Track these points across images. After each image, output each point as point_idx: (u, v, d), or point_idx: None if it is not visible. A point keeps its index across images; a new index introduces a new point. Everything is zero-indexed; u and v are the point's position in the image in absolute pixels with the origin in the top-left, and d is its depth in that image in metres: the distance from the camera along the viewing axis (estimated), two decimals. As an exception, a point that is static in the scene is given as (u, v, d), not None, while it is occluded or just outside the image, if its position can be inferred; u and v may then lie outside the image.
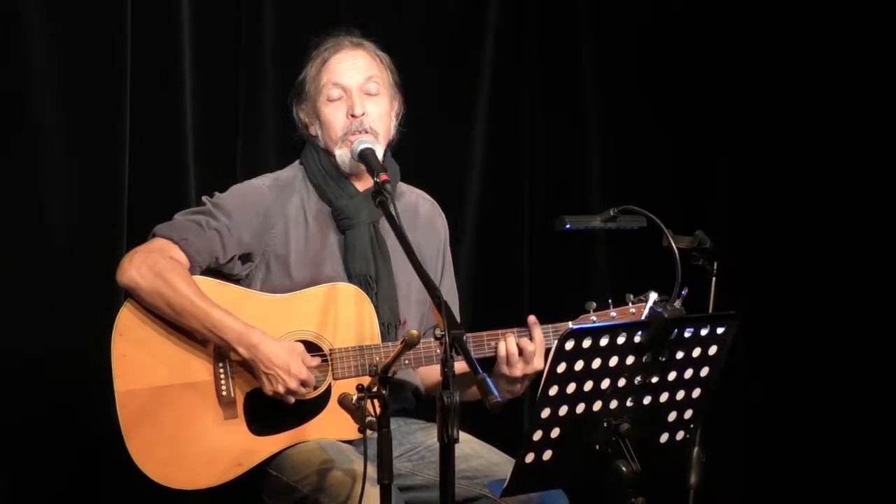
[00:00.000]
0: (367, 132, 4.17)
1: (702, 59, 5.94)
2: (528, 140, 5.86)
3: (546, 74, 5.89)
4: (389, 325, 4.18)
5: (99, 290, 4.66)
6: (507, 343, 4.07)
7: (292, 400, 4.00)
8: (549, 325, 4.11)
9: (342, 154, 4.19)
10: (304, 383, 3.99)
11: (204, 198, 4.21)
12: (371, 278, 4.18)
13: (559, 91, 5.90)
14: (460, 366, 3.46)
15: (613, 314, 4.13)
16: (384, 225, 4.19)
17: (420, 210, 4.38)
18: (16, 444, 4.80)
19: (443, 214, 4.45)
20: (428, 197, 4.45)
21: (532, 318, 4.09)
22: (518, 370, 4.06)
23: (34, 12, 4.79)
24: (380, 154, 4.15)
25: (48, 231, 4.86)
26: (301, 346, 4.03)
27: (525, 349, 4.05)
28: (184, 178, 5.04)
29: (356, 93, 4.21)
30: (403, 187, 4.36)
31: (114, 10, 4.89)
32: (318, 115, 4.24)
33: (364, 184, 4.22)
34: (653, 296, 4.07)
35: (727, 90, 5.94)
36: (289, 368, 3.97)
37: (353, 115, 4.18)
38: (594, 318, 4.12)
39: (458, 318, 4.24)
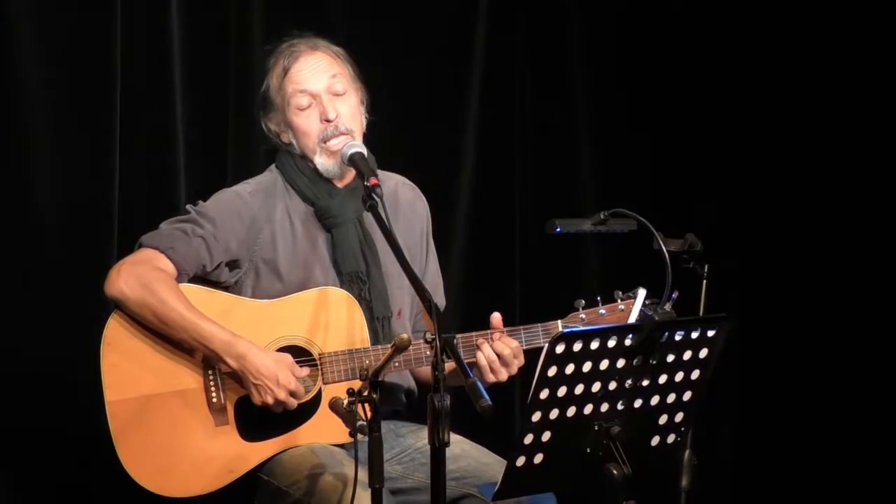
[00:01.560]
0: (343, 134, 4.17)
1: (692, 62, 5.94)
2: (518, 142, 5.86)
3: (536, 75, 5.89)
4: (383, 318, 4.18)
5: (89, 300, 4.65)
6: (485, 352, 4.06)
7: (281, 410, 4.01)
8: (539, 324, 4.12)
9: (323, 162, 4.19)
10: (292, 394, 3.99)
11: (188, 206, 4.21)
12: (362, 274, 4.19)
13: (550, 93, 5.90)
14: (450, 364, 3.47)
15: (602, 311, 4.13)
16: (369, 219, 4.18)
17: (401, 196, 4.38)
18: (7, 454, 4.78)
19: (423, 198, 4.44)
20: (408, 181, 4.44)
21: (497, 317, 4.09)
22: (504, 374, 4.07)
23: (22, 17, 4.78)
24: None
25: (38, 241, 4.85)
26: (290, 357, 4.03)
27: (502, 353, 4.05)
28: (174, 187, 5.04)
29: (325, 97, 4.20)
30: (382, 174, 4.32)
31: (103, 14, 4.88)
32: (291, 125, 4.23)
33: (344, 180, 4.23)
34: (641, 292, 4.07)
35: (718, 93, 5.94)
36: (277, 379, 3.97)
37: (326, 121, 4.18)
38: (583, 316, 4.13)
39: (443, 299, 4.32)
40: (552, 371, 3.44)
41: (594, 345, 3.47)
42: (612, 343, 3.49)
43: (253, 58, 5.22)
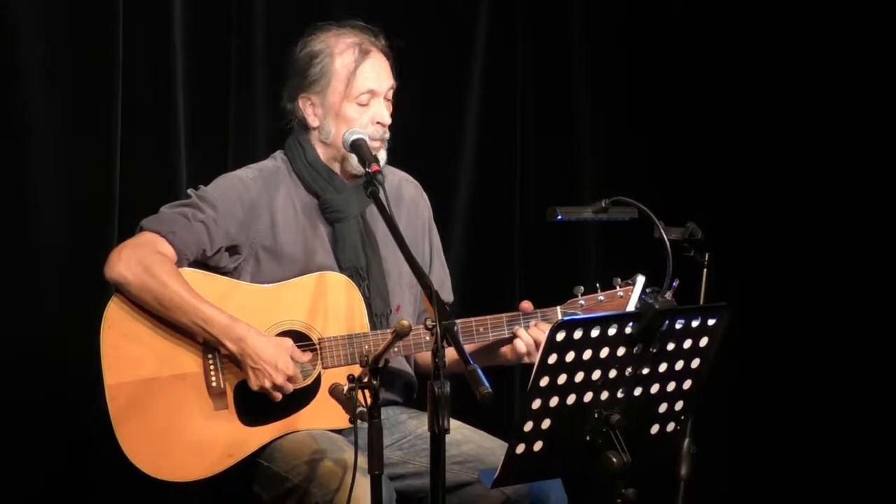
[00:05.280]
0: (383, 141, 4.18)
1: (693, 53, 5.94)
2: (520, 128, 5.85)
3: (538, 63, 5.89)
4: (381, 315, 4.18)
5: (89, 284, 4.65)
6: (524, 338, 4.11)
7: (279, 396, 4.00)
8: (538, 311, 4.14)
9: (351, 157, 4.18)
10: (290, 379, 3.99)
11: (189, 190, 4.21)
12: (362, 269, 4.18)
13: (552, 80, 5.90)
14: (451, 351, 3.48)
15: (601, 298, 4.14)
16: (371, 214, 4.19)
17: (404, 192, 4.38)
18: (6, 437, 4.78)
19: (425, 195, 4.45)
20: (410, 178, 4.44)
21: (528, 305, 4.11)
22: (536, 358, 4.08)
23: (23, 8, 4.78)
24: (384, 156, 4.17)
25: (38, 226, 4.85)
26: (290, 342, 4.03)
27: (539, 339, 4.07)
28: (175, 174, 5.03)
29: (383, 101, 4.20)
30: (387, 169, 4.32)
31: (105, 6, 4.88)
32: (338, 113, 4.19)
33: (352, 177, 4.22)
34: (640, 279, 4.08)
35: (719, 82, 5.94)
36: (276, 364, 3.97)
37: (379, 123, 4.18)
38: (582, 302, 4.13)
39: (451, 294, 4.36)
40: (552, 359, 3.44)
41: (594, 333, 3.46)
42: (612, 331, 3.48)
43: (255, 41, 5.22)
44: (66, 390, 4.80)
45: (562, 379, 3.47)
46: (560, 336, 3.43)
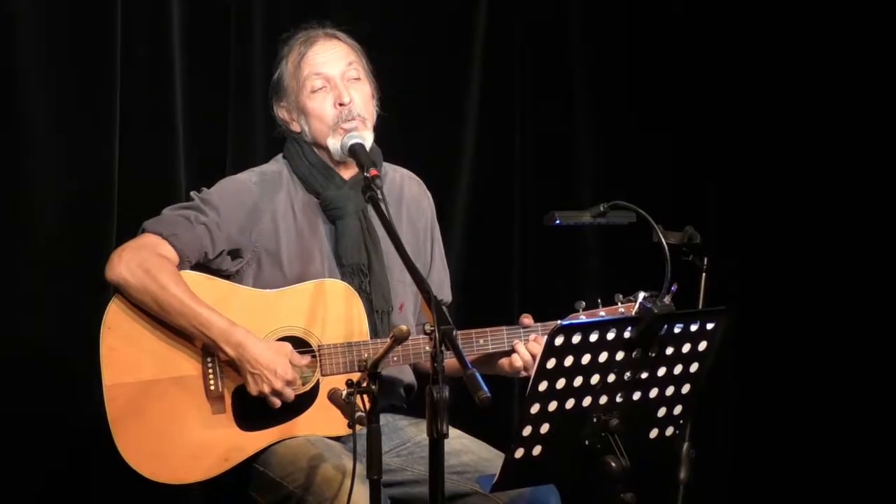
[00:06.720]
0: (356, 119, 4.16)
1: (692, 55, 5.94)
2: (518, 135, 5.85)
3: (537, 67, 5.88)
4: (383, 312, 4.18)
5: (88, 285, 4.66)
6: (521, 353, 4.11)
7: (278, 403, 3.99)
8: (539, 324, 4.13)
9: (335, 143, 4.18)
10: (289, 385, 3.99)
11: (192, 193, 4.20)
12: (364, 266, 4.18)
13: (550, 85, 5.89)
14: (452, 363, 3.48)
15: (602, 314, 4.13)
16: (373, 211, 4.16)
17: (405, 190, 4.38)
18: (6, 438, 4.79)
19: (429, 193, 4.44)
20: (413, 175, 4.44)
21: (528, 319, 4.11)
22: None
23: (23, 5, 4.77)
24: (370, 140, 4.16)
25: (37, 226, 4.86)
26: (289, 347, 4.02)
27: (536, 354, 4.06)
28: (174, 175, 5.03)
29: (340, 81, 4.20)
30: (387, 167, 4.34)
31: (104, 6, 4.88)
32: (304, 109, 4.22)
33: (350, 171, 4.22)
34: (642, 296, 4.07)
35: (718, 86, 5.94)
36: (275, 370, 3.97)
37: (341, 104, 4.18)
38: (583, 317, 4.12)
39: (449, 295, 4.38)
40: (551, 363, 3.44)
41: (593, 337, 3.46)
42: (611, 335, 3.48)
43: (253, 42, 5.22)
44: (65, 391, 4.80)
45: (560, 383, 3.47)
46: (559, 340, 3.43)
